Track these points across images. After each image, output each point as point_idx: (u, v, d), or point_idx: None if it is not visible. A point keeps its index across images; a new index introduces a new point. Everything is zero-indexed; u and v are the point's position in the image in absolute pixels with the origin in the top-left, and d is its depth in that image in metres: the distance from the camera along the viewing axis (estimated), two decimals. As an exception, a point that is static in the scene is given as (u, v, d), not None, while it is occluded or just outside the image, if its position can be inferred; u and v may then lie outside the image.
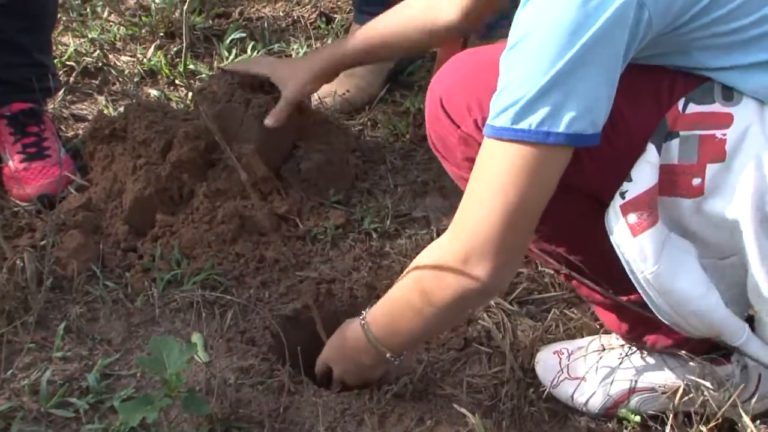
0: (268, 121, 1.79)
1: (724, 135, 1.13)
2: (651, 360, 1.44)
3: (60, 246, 1.73)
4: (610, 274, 1.24)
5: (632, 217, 1.14)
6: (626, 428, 1.45)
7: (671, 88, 1.16)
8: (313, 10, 2.69)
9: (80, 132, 2.14)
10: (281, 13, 2.70)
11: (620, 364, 1.44)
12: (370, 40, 1.74)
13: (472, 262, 1.16)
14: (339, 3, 2.72)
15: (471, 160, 1.20)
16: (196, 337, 1.57)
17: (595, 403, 1.44)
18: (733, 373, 1.39)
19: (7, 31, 1.89)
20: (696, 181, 1.14)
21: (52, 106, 2.20)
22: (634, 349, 1.45)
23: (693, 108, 1.15)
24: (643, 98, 1.17)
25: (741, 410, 1.29)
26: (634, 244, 1.15)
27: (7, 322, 1.58)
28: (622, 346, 1.47)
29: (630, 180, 1.15)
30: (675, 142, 1.14)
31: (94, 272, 1.69)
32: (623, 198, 1.15)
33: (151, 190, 1.75)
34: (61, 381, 1.48)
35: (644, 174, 1.14)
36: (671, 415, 1.36)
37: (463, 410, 1.41)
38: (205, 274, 1.69)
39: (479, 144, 1.18)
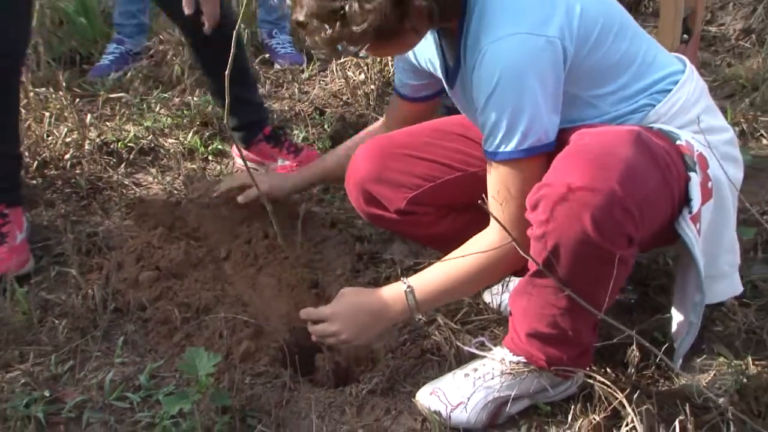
0: (240, 198, 1.98)
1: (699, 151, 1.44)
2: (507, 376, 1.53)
3: (120, 281, 1.89)
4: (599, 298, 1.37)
5: (696, 225, 1.42)
6: (539, 414, 1.54)
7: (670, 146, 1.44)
8: (310, 105, 2.92)
9: (138, 193, 2.35)
10: (286, 107, 2.95)
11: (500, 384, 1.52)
12: (326, 163, 1.96)
13: (515, 233, 1.36)
14: (329, 100, 2.95)
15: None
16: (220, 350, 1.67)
17: (480, 419, 1.53)
18: (570, 386, 1.56)
19: None
20: (709, 185, 1.44)
21: (116, 176, 2.40)
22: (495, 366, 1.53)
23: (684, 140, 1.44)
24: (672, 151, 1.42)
25: (624, 400, 1.39)
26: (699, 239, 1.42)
27: (80, 336, 1.74)
28: (484, 365, 1.54)
29: (691, 199, 1.41)
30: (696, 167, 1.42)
31: (143, 302, 1.83)
32: (690, 212, 1.41)
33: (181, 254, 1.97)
34: (120, 380, 1.61)
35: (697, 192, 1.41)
36: (572, 406, 1.49)
37: (419, 403, 1.54)
38: (228, 304, 1.83)
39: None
